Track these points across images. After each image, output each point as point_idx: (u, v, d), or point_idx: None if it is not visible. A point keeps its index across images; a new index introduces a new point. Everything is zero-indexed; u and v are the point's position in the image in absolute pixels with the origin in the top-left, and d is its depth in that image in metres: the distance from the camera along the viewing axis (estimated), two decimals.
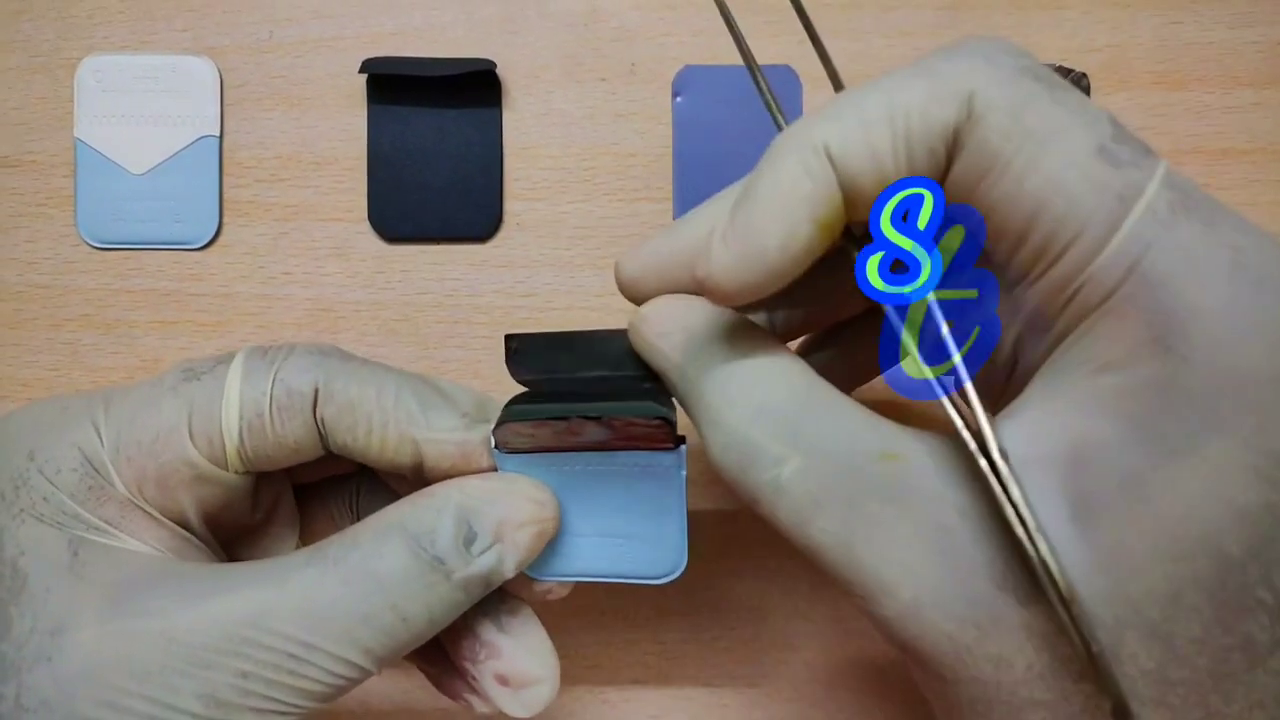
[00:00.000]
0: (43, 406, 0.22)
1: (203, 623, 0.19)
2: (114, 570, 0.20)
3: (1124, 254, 0.17)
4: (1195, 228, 0.17)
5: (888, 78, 0.18)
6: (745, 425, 0.19)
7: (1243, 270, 0.17)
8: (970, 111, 0.17)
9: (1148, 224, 0.17)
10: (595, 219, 0.33)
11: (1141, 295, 0.17)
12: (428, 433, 0.22)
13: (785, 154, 0.18)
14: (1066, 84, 0.18)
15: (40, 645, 0.19)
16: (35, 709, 0.19)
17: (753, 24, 0.33)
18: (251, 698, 0.19)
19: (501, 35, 0.33)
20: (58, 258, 0.32)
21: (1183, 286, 0.16)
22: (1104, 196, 0.17)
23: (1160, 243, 0.17)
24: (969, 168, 0.18)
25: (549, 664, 0.24)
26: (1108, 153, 0.17)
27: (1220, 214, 0.17)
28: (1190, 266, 0.17)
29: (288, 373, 0.22)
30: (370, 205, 0.32)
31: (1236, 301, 0.16)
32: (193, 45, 0.33)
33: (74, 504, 0.21)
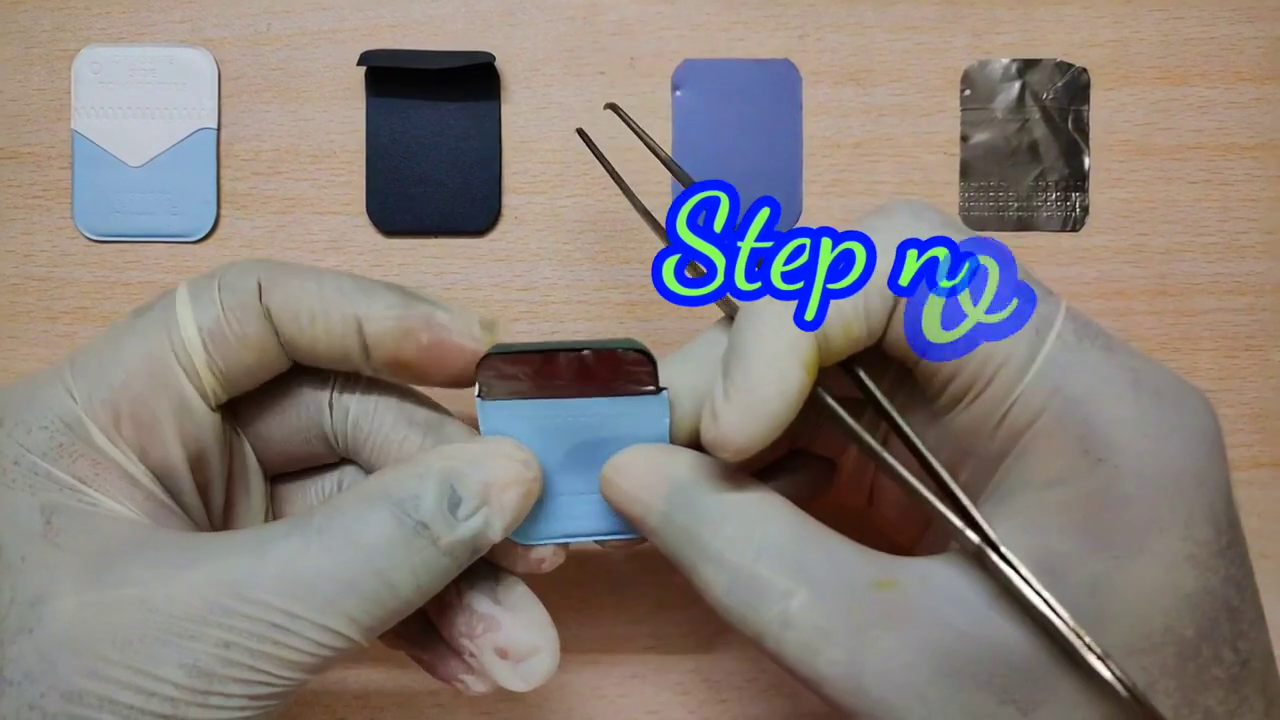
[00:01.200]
0: (11, 384, 0.23)
1: (183, 592, 0.19)
2: (90, 537, 0.20)
3: (1045, 377, 0.19)
4: (1098, 353, 0.20)
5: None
6: (750, 563, 0.20)
7: (1143, 385, 0.19)
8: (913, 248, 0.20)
9: (1061, 351, 0.19)
10: (594, 213, 0.32)
11: (1066, 413, 0.19)
12: (369, 311, 0.23)
13: (765, 315, 0.20)
14: (977, 236, 0.20)
15: (21, 616, 0.19)
16: (19, 681, 0.19)
17: (752, 18, 0.33)
18: (235, 668, 0.19)
19: (501, 28, 0.33)
20: (54, 250, 0.32)
21: (1100, 403, 0.19)
22: (1022, 335, 0.20)
23: (1074, 366, 0.19)
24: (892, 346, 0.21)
25: (548, 634, 0.23)
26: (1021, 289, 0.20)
27: (1113, 342, 0.20)
28: (1102, 384, 0.19)
29: (231, 277, 0.23)
30: (368, 198, 0.32)
31: (1146, 412, 0.19)
32: (190, 37, 0.33)
33: (45, 464, 0.21)
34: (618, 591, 0.32)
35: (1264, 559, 0.33)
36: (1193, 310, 0.33)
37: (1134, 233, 0.33)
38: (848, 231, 0.20)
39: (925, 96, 0.33)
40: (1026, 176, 0.33)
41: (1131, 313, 0.33)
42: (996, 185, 0.33)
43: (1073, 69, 0.33)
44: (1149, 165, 0.33)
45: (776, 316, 0.20)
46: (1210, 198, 0.33)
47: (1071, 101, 0.33)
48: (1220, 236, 0.33)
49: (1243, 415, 0.33)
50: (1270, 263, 0.33)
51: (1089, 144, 0.33)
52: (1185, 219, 0.33)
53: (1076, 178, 0.33)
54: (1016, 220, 0.33)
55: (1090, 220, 0.33)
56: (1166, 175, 0.33)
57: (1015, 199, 0.33)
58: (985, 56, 0.33)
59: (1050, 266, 0.33)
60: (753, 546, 0.20)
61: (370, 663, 0.32)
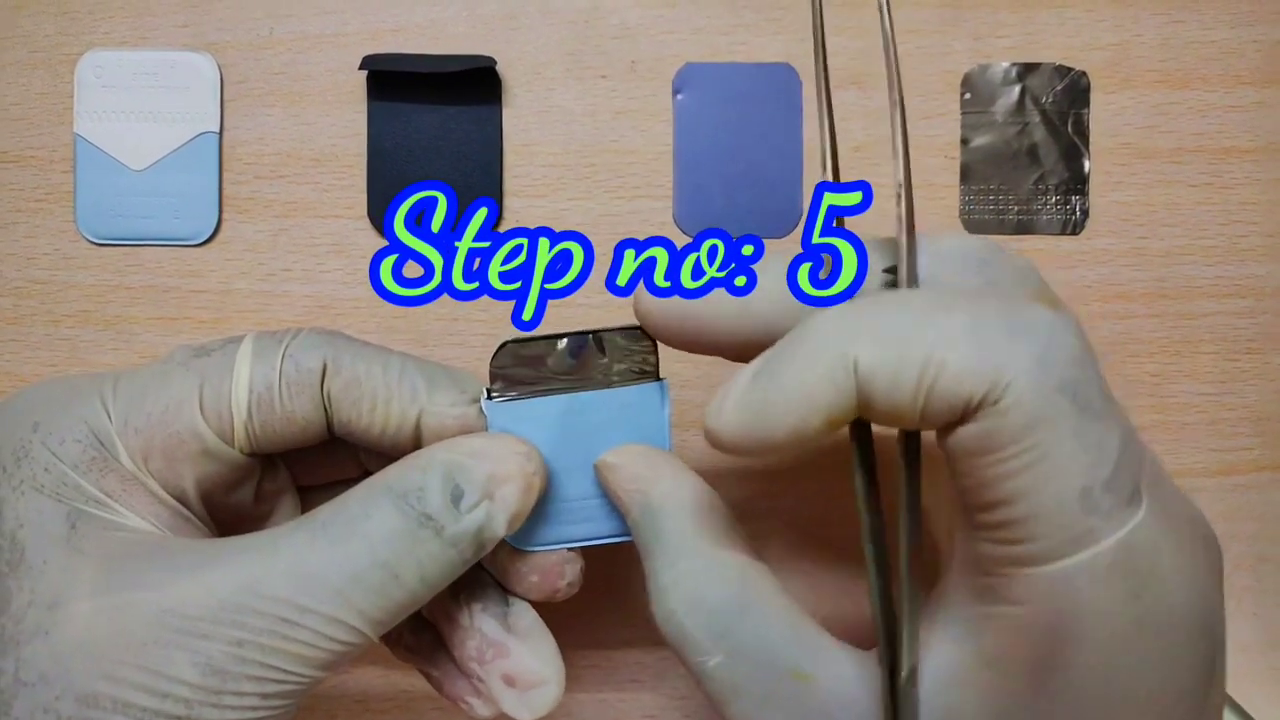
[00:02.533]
0: (50, 384, 0.23)
1: (196, 593, 0.19)
2: (110, 544, 0.20)
3: (1049, 585, 0.18)
4: (1120, 595, 0.18)
5: (944, 313, 0.18)
6: (680, 614, 0.21)
7: (1138, 646, 0.18)
8: (997, 400, 0.17)
9: (1082, 574, 0.18)
10: (595, 216, 0.33)
11: (1045, 625, 0.18)
12: (430, 406, 0.23)
13: (818, 354, 0.19)
14: (1101, 408, 0.18)
15: (38, 619, 0.19)
16: (34, 683, 0.19)
17: (753, 21, 0.33)
18: (248, 665, 0.19)
19: (502, 32, 0.33)
20: (57, 253, 0.32)
21: (1083, 647, 0.18)
22: (1060, 534, 0.18)
23: (1082, 595, 0.18)
24: (972, 439, 0.18)
25: (555, 666, 0.24)
26: (1089, 498, 0.17)
27: (1149, 589, 0.18)
28: (1096, 627, 0.18)
29: (297, 349, 0.23)
30: (370, 202, 0.32)
31: (1125, 679, 0.18)
32: (193, 41, 0.33)
33: (75, 475, 0.21)
34: (617, 595, 0.32)
35: (1264, 563, 0.34)
36: (1193, 313, 0.33)
37: (1134, 236, 0.33)
38: (565, 232, 0.20)
39: (925, 100, 0.33)
40: (1027, 180, 0.33)
41: (1132, 315, 0.33)
42: (997, 188, 0.33)
43: (1073, 72, 0.33)
44: (1149, 168, 0.33)
45: (829, 373, 0.18)
46: (1211, 201, 0.33)
47: (1072, 105, 0.33)
48: (1220, 240, 0.33)
49: (1243, 418, 0.33)
50: (1271, 266, 0.33)
51: (1089, 147, 0.33)
52: (1185, 222, 0.33)
53: (1077, 181, 0.33)
54: (1017, 223, 0.33)
55: (1090, 223, 0.33)
56: (1167, 178, 0.33)
57: (1015, 202, 0.33)
58: (985, 60, 0.33)
59: (1051, 270, 0.33)
60: (688, 600, 0.21)
61: (369, 666, 0.32)
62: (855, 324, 0.19)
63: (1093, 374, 0.18)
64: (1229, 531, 0.33)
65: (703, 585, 0.21)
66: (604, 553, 0.25)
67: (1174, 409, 0.33)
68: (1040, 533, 0.17)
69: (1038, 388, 0.17)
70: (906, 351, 0.18)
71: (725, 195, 0.32)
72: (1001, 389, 0.17)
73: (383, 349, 0.24)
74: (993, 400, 0.17)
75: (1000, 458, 0.17)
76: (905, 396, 0.18)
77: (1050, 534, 0.17)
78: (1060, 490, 0.17)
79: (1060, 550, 0.17)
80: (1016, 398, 0.17)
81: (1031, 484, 0.17)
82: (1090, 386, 0.18)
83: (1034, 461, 0.17)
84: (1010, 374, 0.17)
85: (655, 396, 0.23)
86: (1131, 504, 0.18)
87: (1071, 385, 0.17)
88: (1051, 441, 0.17)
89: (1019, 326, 0.18)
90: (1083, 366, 0.18)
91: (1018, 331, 0.18)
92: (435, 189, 0.19)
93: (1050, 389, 0.17)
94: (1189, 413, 0.33)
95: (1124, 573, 0.18)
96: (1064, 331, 0.18)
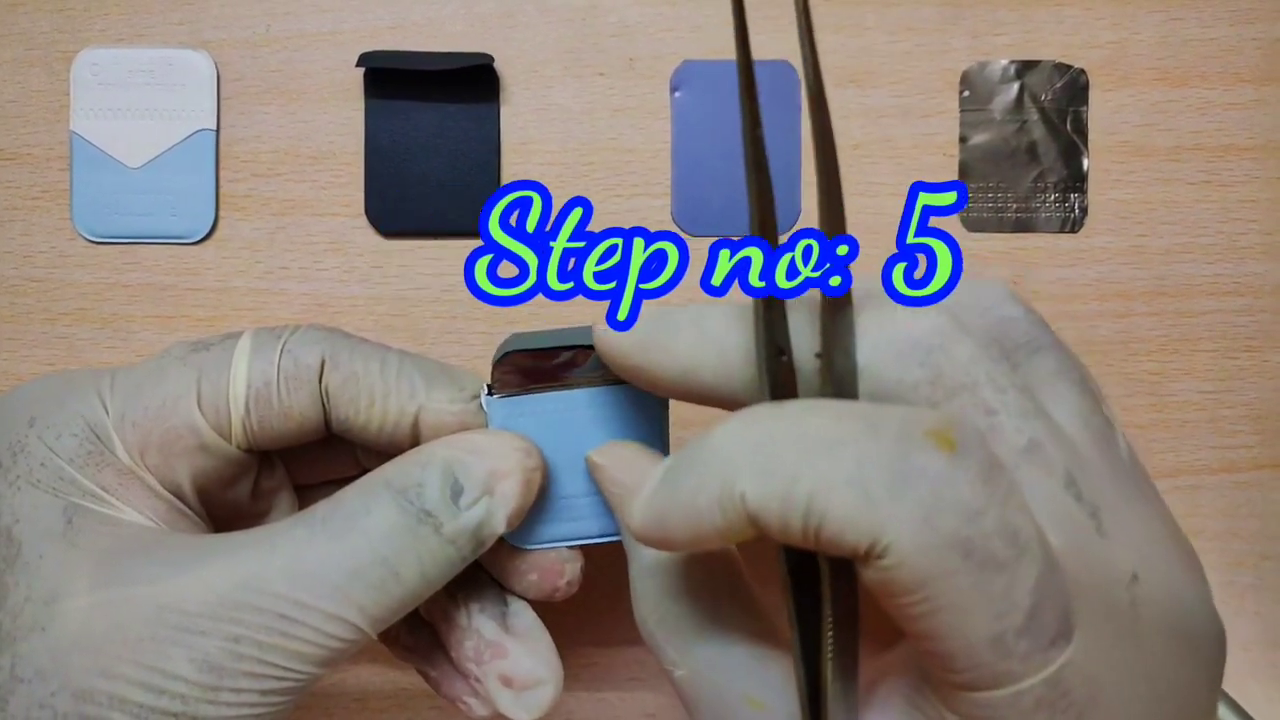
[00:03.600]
0: (47, 379, 0.23)
1: (194, 589, 0.19)
2: (107, 539, 0.20)
3: (983, 711, 0.17)
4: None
5: (831, 451, 0.17)
6: (651, 621, 0.21)
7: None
8: (882, 555, 0.16)
9: (1008, 708, 0.17)
10: (594, 214, 0.32)
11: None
12: (427, 402, 0.23)
13: (708, 481, 0.17)
14: (1006, 556, 0.16)
15: (34, 614, 0.19)
16: (30, 679, 0.19)
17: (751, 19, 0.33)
18: (245, 662, 0.19)
19: (500, 30, 0.33)
20: (53, 251, 0.32)
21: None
22: (977, 673, 0.16)
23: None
24: (870, 581, 0.17)
25: (553, 666, 0.24)
26: (1001, 644, 0.16)
27: (1089, 714, 0.17)
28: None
29: (295, 344, 0.23)
30: (367, 200, 0.32)
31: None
32: (190, 39, 0.33)
33: (71, 469, 0.21)
34: (617, 592, 0.32)
35: (1266, 560, 0.33)
36: (1192, 311, 0.33)
37: (1133, 234, 0.33)
38: (660, 232, 0.20)
39: (924, 98, 0.33)
40: (1025, 177, 0.33)
41: (1131, 314, 0.33)
42: (995, 186, 0.33)
43: (1071, 70, 0.33)
44: (1148, 166, 0.33)
45: (718, 503, 0.17)
46: (1209, 199, 0.33)
47: (1070, 103, 0.33)
48: (1219, 237, 0.33)
49: (1242, 416, 0.33)
50: (1269, 264, 0.33)
51: (1088, 145, 0.33)
52: (1184, 220, 0.33)
53: (1075, 179, 0.33)
54: (1015, 221, 0.33)
55: (1089, 221, 0.33)
56: (1165, 176, 0.33)
57: (1014, 200, 0.33)
58: (984, 58, 0.33)
59: (1049, 268, 0.33)
60: (659, 610, 0.21)
61: (367, 664, 0.32)
62: (744, 453, 0.17)
63: (996, 521, 0.16)
64: (1230, 529, 0.33)
65: (671, 599, 0.21)
66: (603, 550, 0.25)
67: (1173, 407, 0.33)
68: (959, 668, 0.16)
69: (922, 548, 0.16)
70: (790, 493, 0.16)
71: (724, 193, 0.32)
72: (882, 547, 0.16)
73: (381, 346, 0.23)
74: (877, 555, 0.16)
75: (901, 604, 0.16)
76: (795, 536, 0.17)
77: (968, 670, 0.16)
78: (966, 639, 0.16)
79: (983, 684, 0.17)
80: (899, 557, 0.16)
81: (937, 629, 0.16)
82: (990, 537, 0.16)
83: (931, 612, 0.16)
84: (890, 534, 0.16)
85: (655, 397, 0.23)
86: (1057, 644, 0.16)
87: (963, 542, 0.16)
88: (945, 597, 0.16)
89: (905, 476, 0.16)
90: (980, 517, 0.16)
91: (902, 483, 0.16)
92: (530, 189, 0.19)
93: (936, 548, 0.16)
94: (1188, 410, 0.33)
95: (1051, 709, 0.17)
96: (960, 480, 0.16)
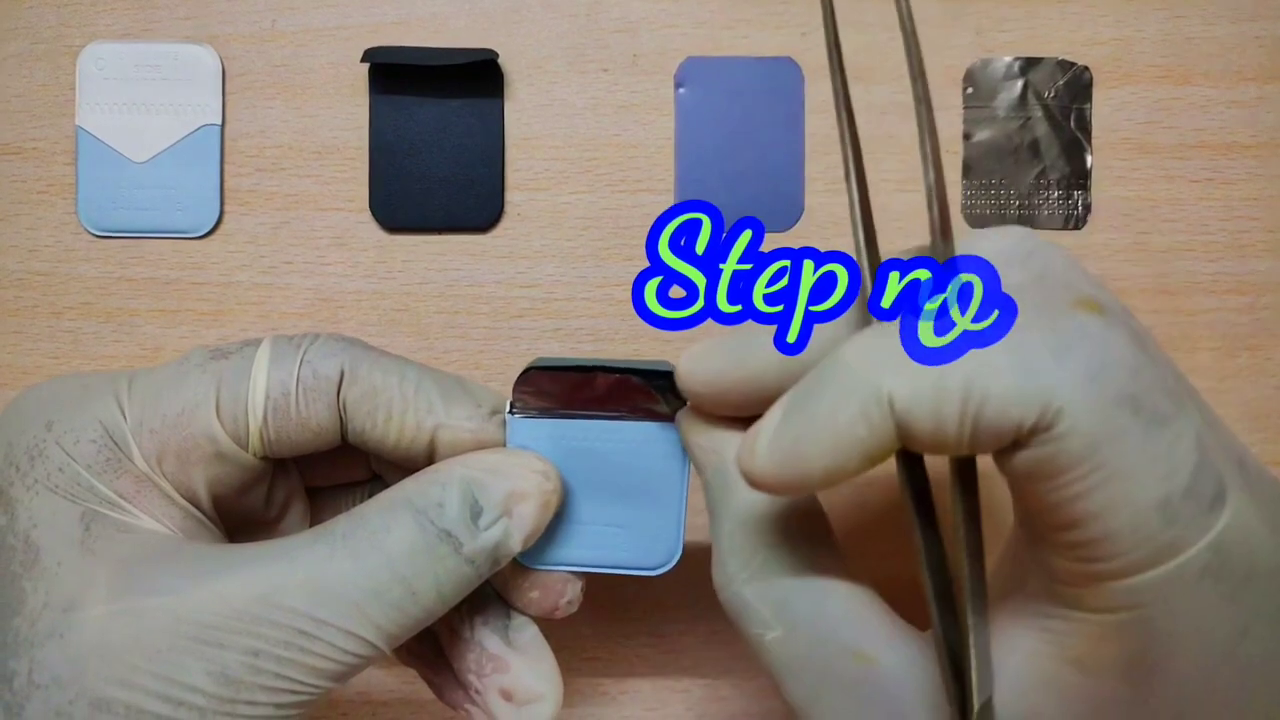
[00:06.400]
0: (64, 381, 0.23)
1: (212, 601, 0.19)
2: (125, 547, 0.20)
3: (1136, 597, 0.17)
4: (1214, 599, 0.17)
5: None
6: (740, 583, 0.20)
7: (1242, 651, 0.17)
8: (1051, 425, 0.16)
9: (1172, 583, 0.16)
10: (597, 210, 0.33)
11: (1137, 635, 0.17)
12: (445, 419, 0.23)
13: (850, 391, 0.17)
14: (1169, 411, 0.16)
15: (52, 621, 0.19)
16: (47, 685, 0.19)
17: (755, 15, 0.33)
18: (263, 675, 0.19)
19: (504, 25, 0.33)
20: (59, 245, 0.32)
21: (1181, 652, 0.17)
22: (1142, 548, 0.16)
23: (1174, 604, 0.16)
24: (1030, 465, 0.17)
25: (553, 682, 0.24)
26: (1169, 508, 0.16)
27: (1249, 589, 0.17)
28: (1194, 632, 0.17)
29: (315, 355, 0.23)
30: (371, 195, 0.32)
31: (1229, 685, 0.17)
32: (195, 33, 0.33)
33: (89, 476, 0.21)
34: (617, 588, 0.32)
35: None
36: (1194, 309, 0.33)
37: (1135, 231, 0.33)
38: (829, 253, 0.19)
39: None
40: (1028, 174, 0.33)
41: (1132, 311, 0.33)
42: (998, 183, 0.33)
43: (1075, 67, 0.33)
44: (1151, 164, 0.33)
45: (862, 411, 0.17)
46: (1212, 197, 0.33)
47: (1073, 100, 0.33)
48: (1222, 235, 0.33)
49: (1243, 415, 0.33)
50: (1272, 262, 0.33)
51: (1091, 142, 0.33)
52: (1187, 218, 0.33)
53: (1078, 176, 0.33)
54: (1018, 218, 0.33)
55: (1092, 218, 0.33)
56: (1168, 174, 0.33)
57: (1017, 197, 0.33)
58: (987, 55, 0.33)
59: None
60: (750, 568, 0.20)
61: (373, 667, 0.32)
62: (886, 355, 0.17)
63: (1155, 377, 0.16)
64: None
65: (767, 554, 0.20)
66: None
67: None
68: (1119, 551, 0.16)
69: (1093, 408, 0.16)
70: (944, 383, 0.16)
71: (727, 189, 0.32)
72: (1053, 414, 0.16)
73: (400, 359, 0.23)
74: (1045, 426, 0.16)
75: (1064, 482, 0.16)
76: (949, 431, 0.17)
77: (1130, 551, 0.16)
78: (1134, 507, 0.16)
79: (1143, 564, 0.16)
80: (1071, 422, 0.16)
81: (1102, 505, 0.16)
82: (1154, 392, 0.16)
83: (1101, 483, 0.16)
84: (1061, 398, 0.16)
85: (674, 437, 0.23)
86: (1216, 506, 0.16)
87: (1131, 397, 0.16)
88: (1117, 460, 0.16)
89: (1065, 342, 0.16)
90: (1141, 373, 0.16)
91: (1064, 348, 0.16)
92: (700, 210, 0.19)
93: (1107, 406, 0.16)
94: None
95: (1217, 577, 0.16)
96: (1116, 339, 0.17)
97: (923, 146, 0.19)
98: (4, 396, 0.32)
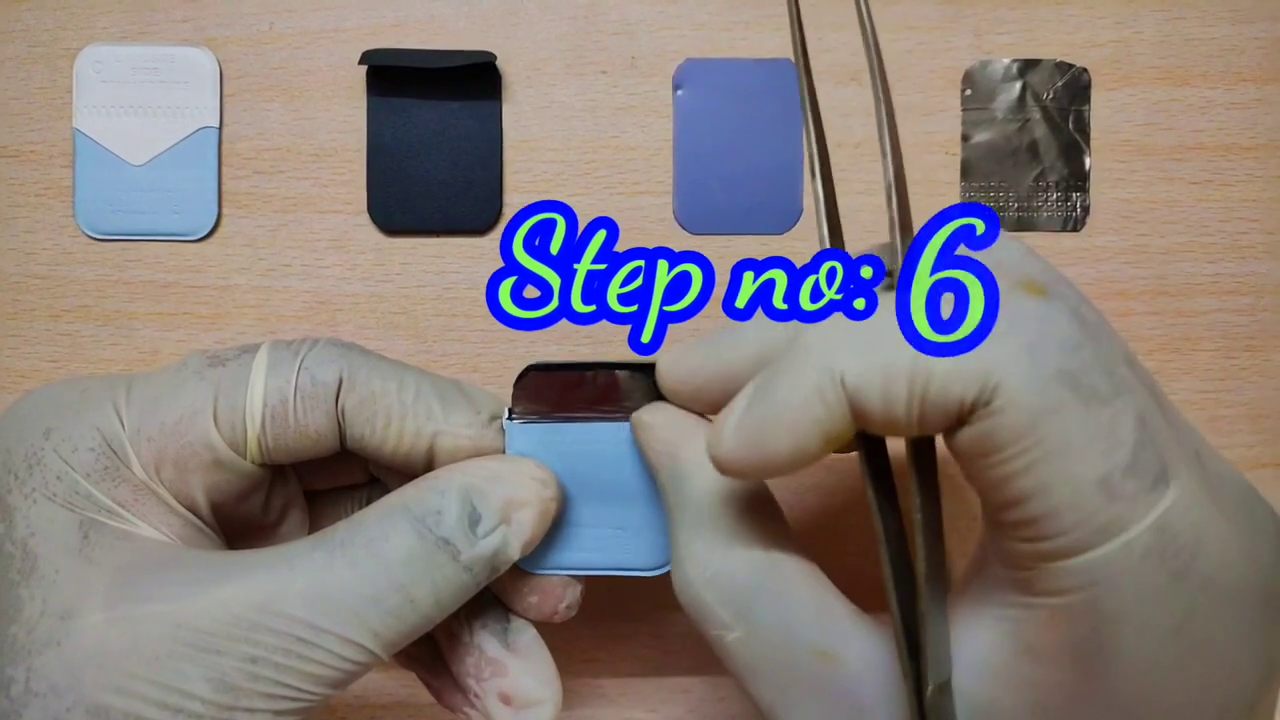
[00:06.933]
0: (62, 387, 0.23)
1: (210, 608, 0.19)
2: (123, 554, 0.20)
3: (1082, 578, 0.17)
4: (1162, 579, 0.17)
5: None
6: (699, 585, 0.20)
7: (1189, 630, 0.17)
8: (990, 400, 0.17)
9: (1114, 563, 0.17)
10: (595, 212, 0.33)
11: (1085, 617, 0.17)
12: (445, 426, 0.23)
13: (805, 373, 0.18)
14: (1109, 390, 0.17)
15: (50, 629, 0.19)
16: (44, 693, 0.19)
17: (754, 17, 0.33)
18: (261, 682, 0.19)
19: (502, 28, 0.33)
20: (56, 248, 0.32)
21: (1128, 633, 0.17)
22: (1084, 526, 0.16)
23: (1120, 585, 0.17)
24: (972, 442, 0.17)
25: (552, 686, 0.24)
26: (1109, 485, 0.16)
27: (1195, 569, 0.17)
28: (1140, 612, 0.17)
29: (313, 362, 0.22)
30: (370, 197, 0.32)
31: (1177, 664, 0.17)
32: (192, 36, 0.33)
33: (87, 484, 0.21)
34: (617, 589, 0.32)
35: None
36: (1193, 310, 0.33)
37: (1134, 233, 0.33)
38: (684, 253, 0.20)
39: (926, 96, 0.33)
40: (1027, 176, 0.33)
41: (1132, 313, 0.33)
42: (997, 185, 0.33)
43: (1073, 69, 0.33)
44: (1150, 165, 0.33)
45: (817, 389, 0.18)
46: (1211, 198, 0.33)
47: (1072, 101, 0.33)
48: (1221, 237, 0.33)
49: (1242, 416, 0.33)
50: (1271, 263, 0.33)
51: (1089, 144, 0.33)
52: (1186, 219, 0.33)
53: (1077, 178, 0.33)
54: (1017, 220, 0.33)
55: (1091, 220, 0.33)
56: (1167, 175, 0.33)
57: (1016, 199, 0.33)
58: (986, 56, 0.33)
59: None
60: (708, 571, 0.20)
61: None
62: (839, 337, 0.18)
63: (1095, 356, 0.17)
64: None
65: (723, 556, 0.20)
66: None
67: None
68: (1061, 528, 0.17)
69: (1030, 382, 0.16)
70: (892, 361, 0.17)
71: (726, 191, 0.32)
72: (991, 389, 0.16)
73: (398, 365, 0.23)
74: (985, 401, 0.17)
75: (1004, 458, 0.17)
76: (898, 409, 0.17)
77: (1073, 528, 0.16)
78: (1075, 483, 0.16)
79: (1087, 542, 0.16)
80: (1009, 396, 0.16)
81: (1042, 481, 0.16)
82: (1092, 371, 0.17)
83: (1040, 458, 0.16)
84: (998, 373, 0.16)
85: None
86: (1159, 484, 0.17)
87: (1068, 373, 0.17)
88: (1055, 435, 0.16)
89: (1006, 321, 0.17)
90: (1080, 350, 0.17)
91: (1004, 327, 0.17)
92: (553, 210, 0.19)
93: (1045, 381, 0.16)
94: (1188, 409, 0.33)
95: (1161, 557, 0.16)
96: (1055, 317, 0.17)
97: (882, 143, 0.20)
98: (2, 400, 0.32)
